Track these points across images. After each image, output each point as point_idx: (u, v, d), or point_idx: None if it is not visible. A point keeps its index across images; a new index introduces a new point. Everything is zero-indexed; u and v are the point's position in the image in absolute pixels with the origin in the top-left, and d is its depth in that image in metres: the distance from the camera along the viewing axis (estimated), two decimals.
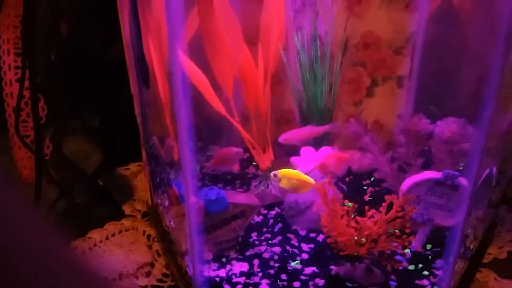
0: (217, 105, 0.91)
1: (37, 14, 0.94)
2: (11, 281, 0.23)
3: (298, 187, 0.84)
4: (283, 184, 0.85)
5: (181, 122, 0.63)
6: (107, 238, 0.98)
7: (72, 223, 1.04)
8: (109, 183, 1.16)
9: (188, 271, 0.79)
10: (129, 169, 1.24)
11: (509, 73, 0.61)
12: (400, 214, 0.74)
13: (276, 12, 0.96)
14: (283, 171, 0.84)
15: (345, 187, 0.97)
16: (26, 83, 0.97)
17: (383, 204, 0.75)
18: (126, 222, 1.03)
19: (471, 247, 0.87)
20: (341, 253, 0.79)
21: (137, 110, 0.96)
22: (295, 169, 0.93)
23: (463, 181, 0.78)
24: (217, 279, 0.79)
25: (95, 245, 0.97)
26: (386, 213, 0.75)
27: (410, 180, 0.81)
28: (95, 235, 0.99)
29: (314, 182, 0.84)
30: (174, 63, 0.60)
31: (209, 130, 1.10)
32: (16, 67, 0.99)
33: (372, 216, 0.76)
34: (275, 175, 0.84)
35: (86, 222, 1.02)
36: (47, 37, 1.01)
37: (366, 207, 0.76)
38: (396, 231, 0.78)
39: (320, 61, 0.98)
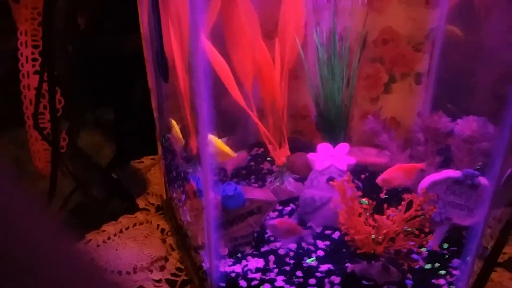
0: (237, 95, 0.91)
1: (56, 6, 0.94)
2: (13, 277, 0.23)
3: (218, 155, 0.87)
4: None
5: (202, 115, 0.63)
6: (121, 231, 0.99)
7: (87, 216, 1.04)
8: (122, 177, 1.16)
9: (204, 266, 0.79)
10: (142, 162, 1.25)
11: None
12: (419, 213, 0.74)
13: (295, 7, 0.95)
14: None
15: (361, 185, 0.96)
16: (44, 76, 0.97)
17: (402, 202, 0.75)
18: (140, 216, 1.03)
19: (488, 246, 0.86)
20: (357, 251, 0.78)
21: (154, 104, 0.96)
22: (312, 165, 0.93)
23: (483, 180, 0.77)
24: (233, 274, 0.79)
25: (109, 238, 0.97)
26: (404, 212, 0.74)
27: (429, 179, 0.80)
28: (109, 228, 0.99)
29: (234, 154, 0.87)
30: (196, 52, 0.59)
31: (224, 124, 1.10)
32: (34, 59, 1.00)
33: (390, 215, 0.75)
34: None
35: (100, 215, 1.03)
36: (65, 30, 1.01)
37: (385, 205, 0.75)
38: (414, 230, 0.78)
39: (338, 56, 0.97)
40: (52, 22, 0.94)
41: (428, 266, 0.80)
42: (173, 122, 0.90)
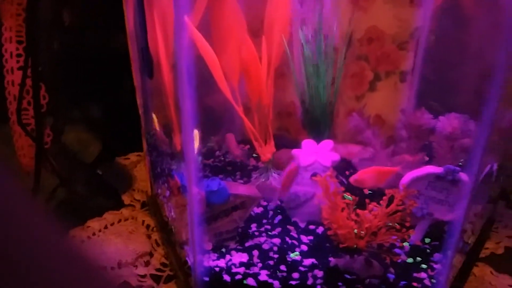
0: (224, 87, 0.91)
1: (40, 2, 0.94)
2: (9, 272, 0.23)
3: None
4: None
5: (186, 112, 0.63)
6: (106, 227, 0.98)
7: (71, 212, 1.04)
8: (108, 173, 1.16)
9: (188, 261, 0.80)
10: (128, 159, 1.25)
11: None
12: (400, 208, 0.75)
13: (281, 5, 0.95)
14: None
15: (345, 180, 0.97)
16: (28, 71, 0.96)
17: (384, 197, 0.76)
18: (125, 212, 1.03)
19: (469, 241, 0.88)
20: (340, 246, 0.79)
21: (139, 101, 0.96)
22: (297, 161, 0.94)
23: (463, 176, 0.79)
24: (217, 269, 0.79)
25: (94, 234, 0.97)
26: (386, 207, 0.75)
27: (411, 175, 0.81)
28: (94, 224, 0.99)
29: None
30: (180, 48, 0.60)
31: (210, 121, 1.10)
32: (18, 55, 0.99)
33: (372, 210, 0.77)
34: None
35: (85, 211, 1.02)
36: (49, 25, 1.01)
37: (367, 201, 0.76)
38: (396, 224, 0.79)
39: (324, 55, 0.98)
40: (36, 18, 0.93)
41: (410, 260, 0.82)
42: (153, 116, 0.91)
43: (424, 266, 0.80)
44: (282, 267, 0.80)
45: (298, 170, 0.89)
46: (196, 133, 0.89)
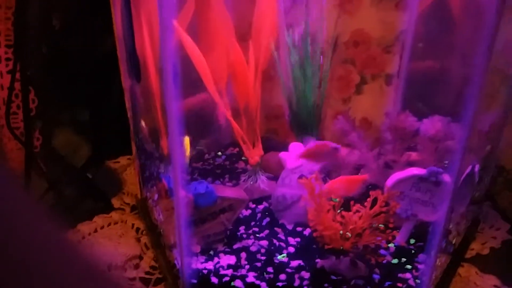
0: (212, 90, 0.92)
1: (29, 6, 0.94)
2: (9, 272, 0.23)
3: None
4: None
5: (172, 115, 0.64)
6: (95, 231, 0.99)
7: (61, 215, 1.04)
8: (98, 176, 1.16)
9: (176, 264, 0.80)
10: (118, 162, 1.25)
11: (492, 71, 0.63)
12: (384, 209, 0.76)
13: (269, 9, 0.97)
14: None
15: None
16: (17, 75, 0.97)
17: (368, 199, 0.77)
18: (115, 215, 1.04)
19: (454, 242, 0.89)
20: (326, 247, 0.80)
21: (127, 104, 0.97)
22: (284, 164, 0.95)
23: (446, 177, 0.80)
24: (205, 271, 0.80)
25: (83, 237, 0.97)
26: (370, 208, 0.76)
27: (395, 176, 0.82)
28: (84, 227, 0.99)
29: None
30: (166, 52, 0.60)
31: (198, 124, 1.11)
32: (7, 59, 1.00)
33: (357, 211, 0.78)
34: None
35: (74, 215, 1.03)
36: (39, 29, 1.01)
37: (352, 202, 0.77)
38: (380, 225, 0.80)
39: (311, 58, 0.99)
40: (25, 22, 0.94)
41: (395, 261, 0.83)
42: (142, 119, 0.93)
43: (409, 266, 0.82)
44: (269, 269, 0.80)
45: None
46: (187, 140, 0.90)
